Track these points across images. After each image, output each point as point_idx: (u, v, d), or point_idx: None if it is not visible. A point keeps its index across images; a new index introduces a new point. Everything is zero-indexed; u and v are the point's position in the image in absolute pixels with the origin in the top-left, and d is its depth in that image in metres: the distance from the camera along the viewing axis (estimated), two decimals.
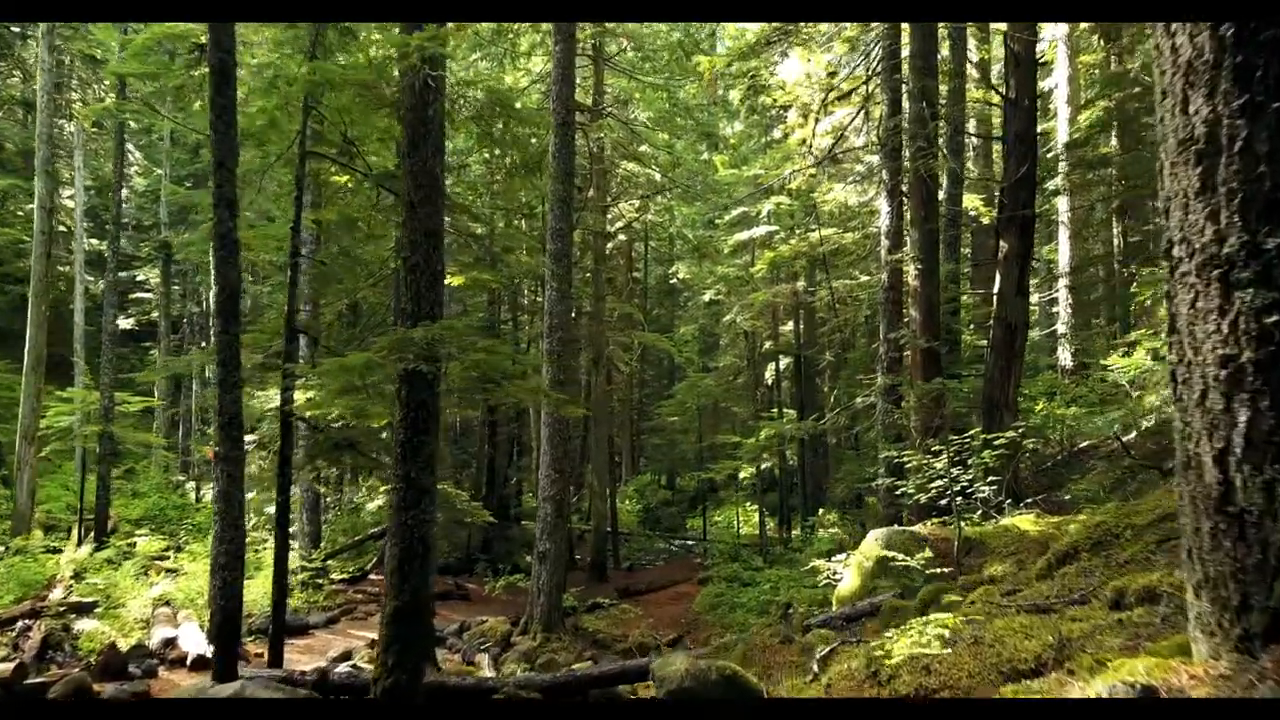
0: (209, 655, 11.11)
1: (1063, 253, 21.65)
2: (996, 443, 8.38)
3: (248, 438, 11.55)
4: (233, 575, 7.94)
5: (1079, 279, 23.13)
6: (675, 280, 34.62)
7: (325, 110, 8.55)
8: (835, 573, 9.51)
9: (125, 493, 25.05)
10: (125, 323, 33.23)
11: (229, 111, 8.07)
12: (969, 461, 8.44)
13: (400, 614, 6.47)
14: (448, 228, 10.94)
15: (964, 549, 7.71)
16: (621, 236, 28.12)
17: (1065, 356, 22.75)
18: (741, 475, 24.22)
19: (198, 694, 6.09)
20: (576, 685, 7.93)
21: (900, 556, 7.88)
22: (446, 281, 10.54)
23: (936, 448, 8.14)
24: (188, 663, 10.74)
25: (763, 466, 26.69)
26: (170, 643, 11.29)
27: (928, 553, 8.07)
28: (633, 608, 15.89)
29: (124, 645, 11.54)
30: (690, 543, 27.06)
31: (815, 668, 4.87)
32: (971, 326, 20.24)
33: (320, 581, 14.62)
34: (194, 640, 11.18)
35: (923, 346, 12.07)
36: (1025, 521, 8.32)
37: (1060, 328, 21.74)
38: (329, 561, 16.75)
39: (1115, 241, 23.08)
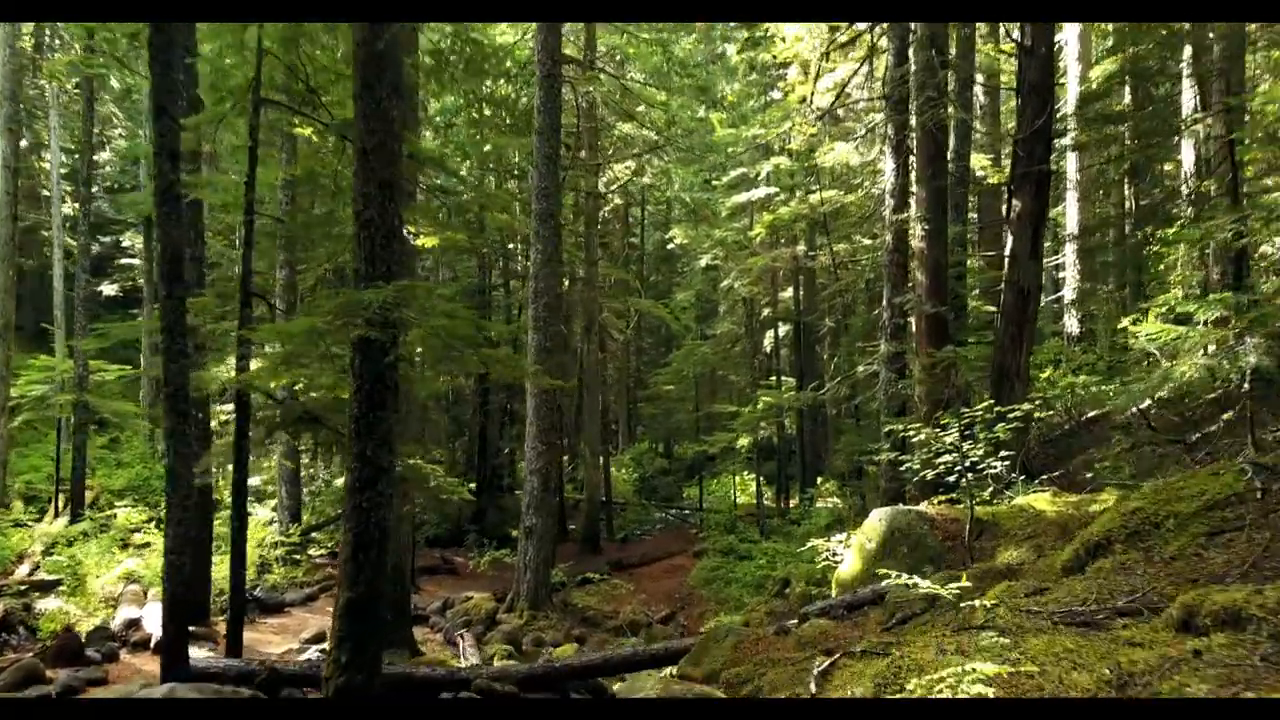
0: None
1: (1070, 215, 20.86)
2: (1011, 415, 7.72)
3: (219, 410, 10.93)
4: (182, 560, 7.32)
5: (1087, 242, 22.37)
6: (673, 245, 33.75)
7: (277, 51, 7.77)
8: (835, 553, 8.92)
9: (109, 463, 24.45)
10: (110, 289, 32.47)
11: (169, 50, 7.30)
12: (980, 435, 7.79)
13: (354, 606, 5.85)
14: (420, 186, 10.20)
15: (975, 531, 7.10)
16: (617, 200, 27.32)
17: (1072, 323, 22.06)
18: (739, 444, 23.66)
19: (126, 694, 5.52)
20: (555, 677, 7.35)
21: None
22: (419, 242, 9.83)
23: (945, 420, 7.49)
24: (151, 645, 10.17)
25: (761, 435, 26.15)
26: (134, 624, 10.73)
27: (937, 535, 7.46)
28: (624, 582, 15.38)
29: (87, 626, 11.01)
30: (686, 512, 26.57)
31: (813, 686, 4.24)
32: (977, 292, 19.53)
33: (298, 557, 14.06)
34: (159, 621, 10.59)
35: (929, 312, 11.37)
36: (1041, 501, 7.70)
37: (1067, 293, 21.01)
38: (310, 536, 16.19)
39: (1127, 203, 22.29)
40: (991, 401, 7.63)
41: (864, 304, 22.68)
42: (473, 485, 26.39)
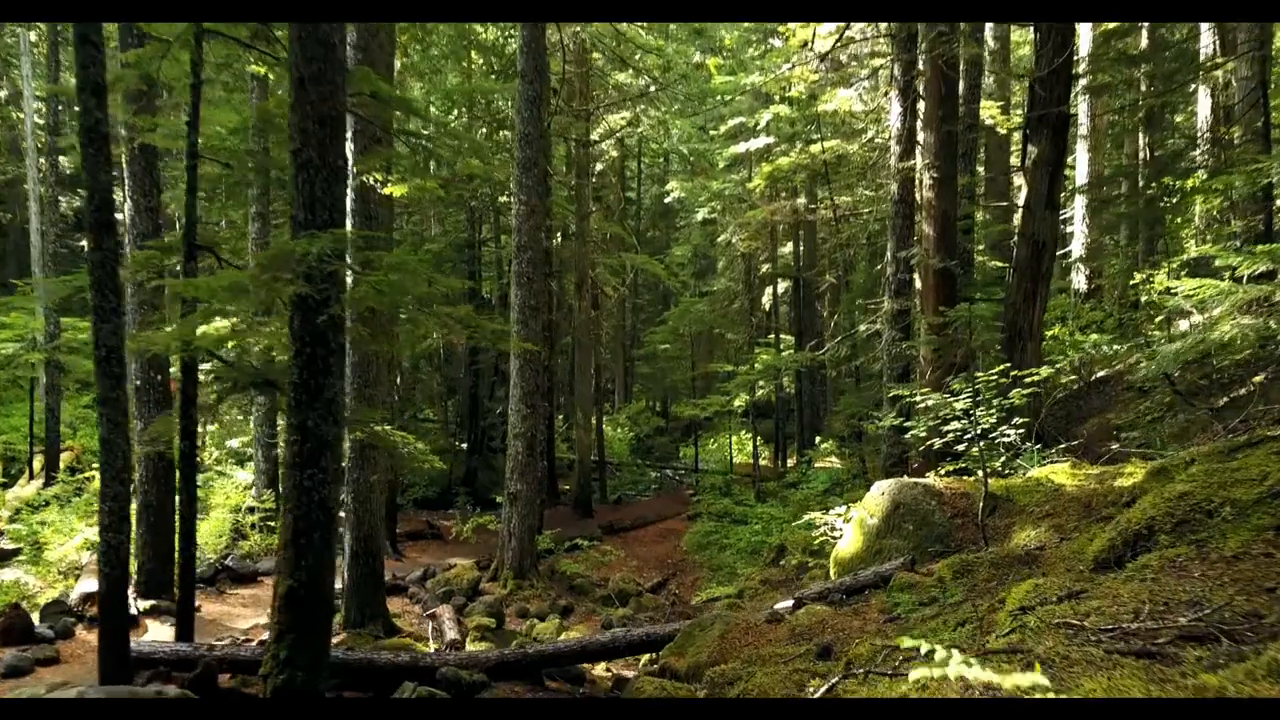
0: (135, 613, 10.05)
1: (1081, 166, 19.97)
2: (1027, 380, 7.04)
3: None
4: (120, 538, 6.68)
5: (1098, 195, 21.50)
6: (670, 199, 32.82)
7: None
8: (833, 527, 8.30)
9: (91, 423, 23.82)
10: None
11: None
12: (991, 400, 7.12)
13: (295, 597, 5.22)
14: (397, 131, 9.40)
15: (988, 507, 6.46)
16: (612, 153, 26.35)
17: (1079, 279, 21.31)
18: (736, 403, 23.01)
19: (32, 695, 4.95)
20: (529, 663, 6.77)
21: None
22: (386, 191, 9.06)
23: (956, 385, 6.81)
24: None
25: (758, 394, 25.51)
26: (92, 597, 10.12)
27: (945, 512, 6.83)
28: (615, 549, 14.84)
29: (47, 599, 10.47)
30: (682, 472, 26.08)
31: None
32: (983, 246, 18.76)
33: (274, 524, 13.46)
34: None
35: (937, 267, 10.64)
36: (1059, 473, 7.05)
37: (1076, 248, 20.21)
38: None
39: (1141, 154, 21.37)
40: (1008, 364, 6.94)
41: (865, 260, 21.89)
42: (464, 445, 25.90)
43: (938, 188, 10.73)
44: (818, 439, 22.68)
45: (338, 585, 11.14)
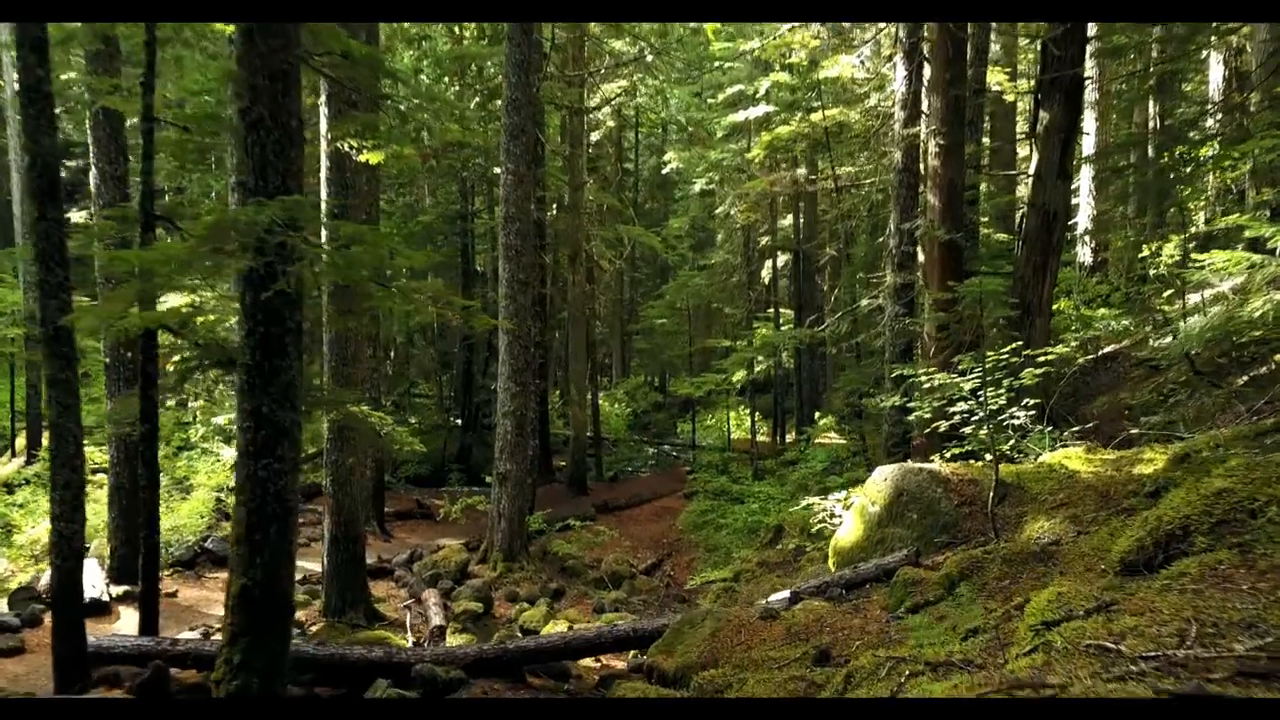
0: (105, 599, 9.71)
1: (1088, 135, 19.41)
2: (1040, 359, 6.60)
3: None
4: (71, 528, 6.28)
5: (1105, 164, 20.92)
6: (668, 170, 32.16)
7: None
8: (832, 514, 7.89)
9: (81, 399, 23.38)
10: (78, 216, 31.06)
11: None
12: (1001, 381, 6.68)
13: (249, 597, 4.81)
14: (372, 95, 8.86)
15: (998, 495, 6.04)
16: (609, 123, 25.70)
17: (1085, 253, 20.81)
18: (734, 378, 22.53)
19: None
20: (509, 660, 6.39)
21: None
22: (363, 159, 8.56)
23: (965, 364, 6.38)
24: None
25: (757, 369, 25.06)
26: None
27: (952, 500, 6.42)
28: (608, 529, 14.46)
29: (16, 584, 10.12)
30: (679, 449, 25.73)
31: None
32: (987, 219, 18.25)
33: None
34: (91, 579, 9.67)
35: (942, 239, 10.15)
36: (1074, 458, 6.63)
37: (1082, 220, 19.69)
38: None
39: (1151, 122, 20.77)
40: (1019, 342, 6.49)
41: (866, 232, 21.34)
42: (458, 422, 25.49)
43: (944, 155, 10.23)
44: (817, 415, 22.30)
45: (317, 569, 10.78)
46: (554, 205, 21.75)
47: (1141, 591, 3.38)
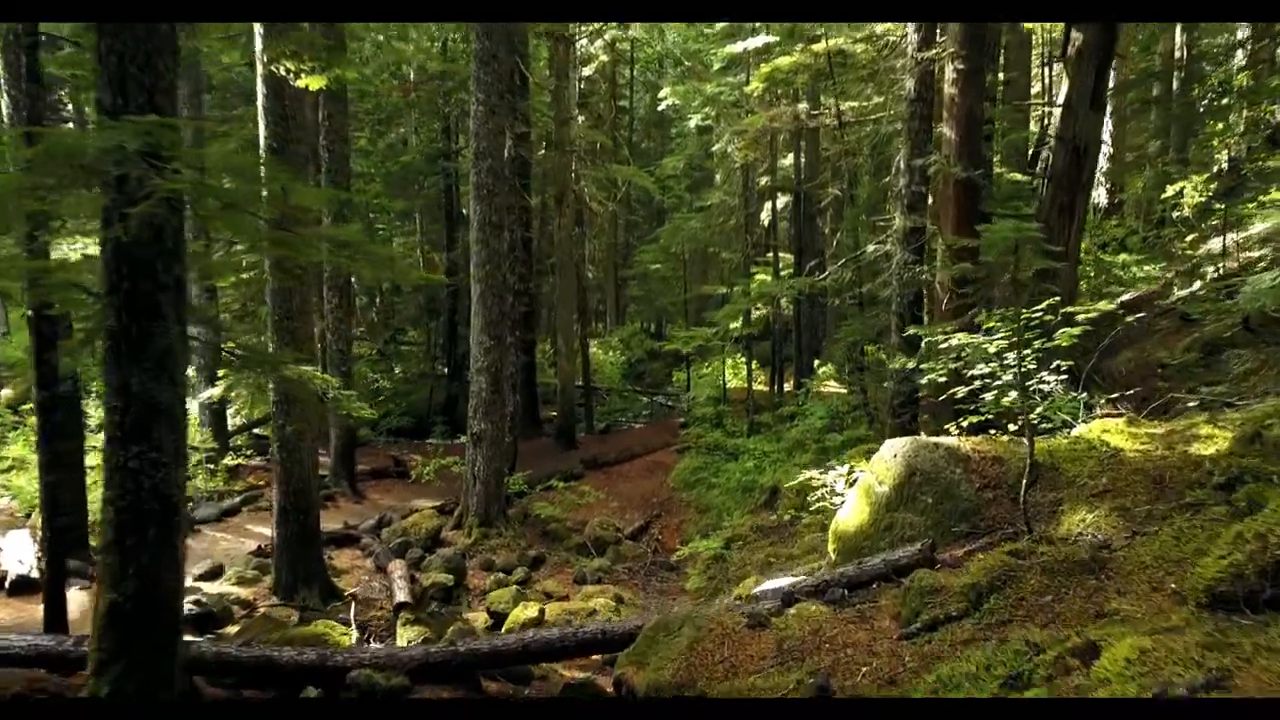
0: (34, 574, 8.88)
1: None
2: (1080, 316, 5.63)
3: None
4: None
5: (1124, 100, 19.68)
6: (664, 106, 30.67)
7: None
8: (833, 489, 7.00)
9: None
10: None
11: None
12: (1034, 343, 5.72)
13: (120, 614, 3.93)
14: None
15: (1030, 478, 5.14)
16: (602, 57, 24.28)
17: (1100, 194, 19.71)
18: (732, 325, 21.54)
19: None
20: (459, 664, 5.57)
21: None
22: (301, 84, 7.49)
23: (992, 322, 5.42)
24: (6, 585, 8.46)
25: (754, 317, 24.03)
26: None
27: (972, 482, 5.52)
28: (593, 490, 13.67)
29: None
30: (673, 399, 24.90)
31: None
32: (999, 156, 17.07)
33: (213, 466, 12.23)
34: (21, 553, 8.85)
35: (959, 177, 9.10)
36: (1114, 431, 5.70)
37: (1100, 160, 18.49)
38: (236, 438, 14.34)
39: (1177, 53, 19.43)
40: (1056, 297, 5.51)
41: (870, 173, 20.13)
42: (445, 371, 24.58)
43: (963, 81, 9.10)
44: (816, 363, 21.40)
45: (269, 540, 9.85)
46: (543, 144, 20.53)
47: (1258, 652, 2.46)
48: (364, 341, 28.56)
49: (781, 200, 23.11)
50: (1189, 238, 16.17)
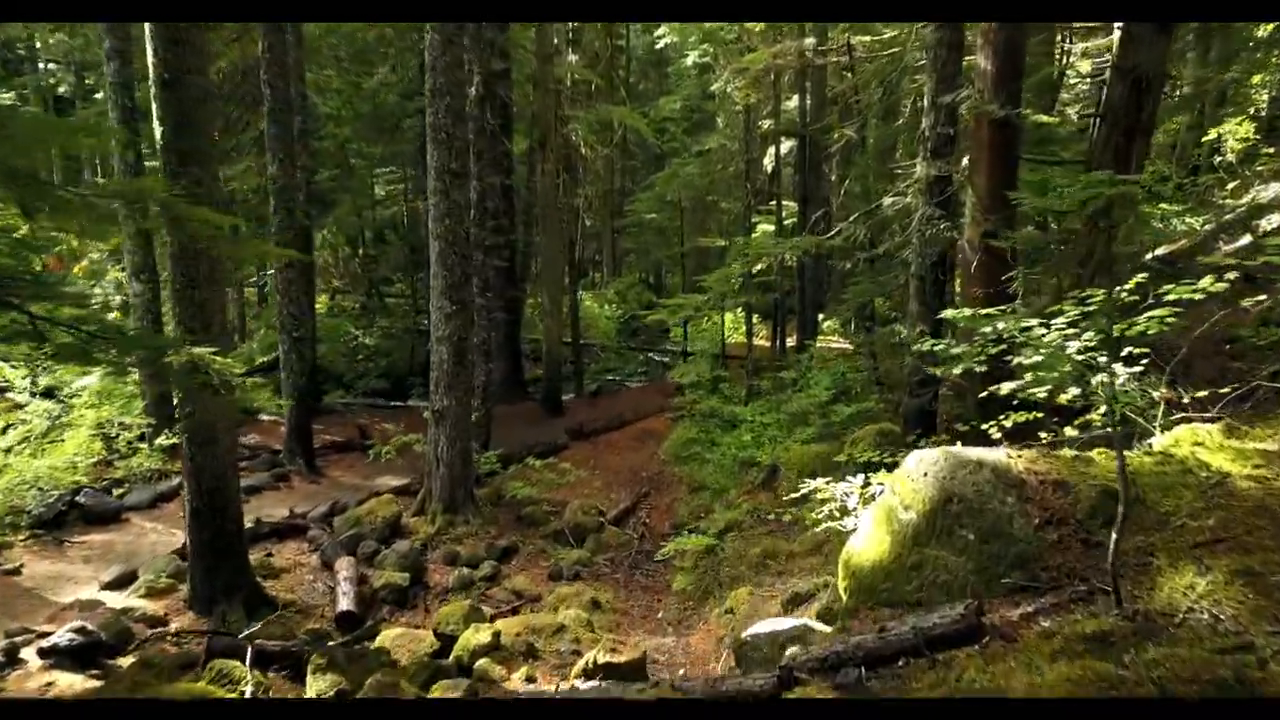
0: None
1: None
2: (1168, 297, 4.28)
3: None
4: None
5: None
6: (663, 44, 28.71)
7: None
8: (845, 507, 5.71)
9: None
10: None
11: None
12: (1097, 324, 4.40)
13: None
14: None
15: (1105, 515, 3.85)
16: None
17: None
18: (723, 289, 20.09)
19: None
20: None
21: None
22: None
23: (1065, 306, 4.09)
24: None
25: (755, 271, 22.61)
26: None
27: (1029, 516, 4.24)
28: (574, 468, 12.44)
29: None
30: (671, 356, 23.61)
31: None
32: (1030, 95, 15.47)
33: (142, 446, 10.96)
34: None
35: (996, 116, 7.64)
36: (1209, 446, 4.40)
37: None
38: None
39: None
40: (1144, 275, 4.15)
41: (878, 117, 18.50)
42: (425, 326, 23.23)
43: None
44: (820, 317, 20.05)
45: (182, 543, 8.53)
46: (531, 84, 18.91)
47: None
48: (348, 295, 27.23)
49: (786, 145, 21.51)
50: (1229, 185, 14.74)
